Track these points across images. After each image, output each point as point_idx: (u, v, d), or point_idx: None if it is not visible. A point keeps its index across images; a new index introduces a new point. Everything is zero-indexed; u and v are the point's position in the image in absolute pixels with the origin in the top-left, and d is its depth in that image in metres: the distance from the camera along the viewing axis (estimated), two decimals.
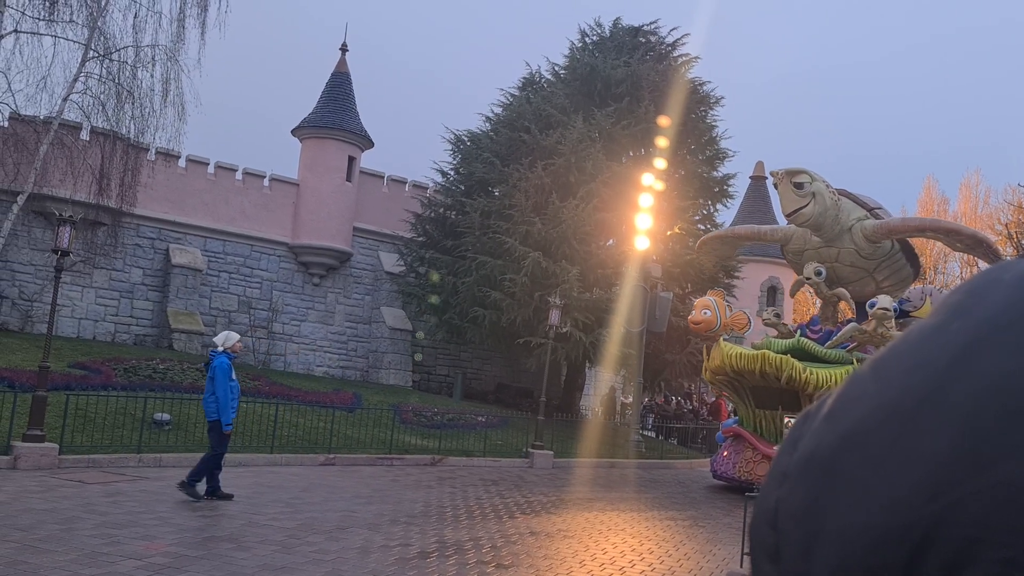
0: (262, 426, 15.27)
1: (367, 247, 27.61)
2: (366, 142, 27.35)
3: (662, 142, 22.51)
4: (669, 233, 23.59)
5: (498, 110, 26.55)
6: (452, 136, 26.60)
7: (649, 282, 20.39)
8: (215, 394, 10.35)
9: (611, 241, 24.10)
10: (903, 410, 0.39)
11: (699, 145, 26.40)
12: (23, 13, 19.64)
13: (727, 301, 17.37)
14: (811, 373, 14.45)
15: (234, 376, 10.59)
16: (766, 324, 16.89)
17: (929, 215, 36.42)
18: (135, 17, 20.94)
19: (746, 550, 8.61)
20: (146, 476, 11.77)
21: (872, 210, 16.23)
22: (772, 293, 36.56)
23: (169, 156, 23.57)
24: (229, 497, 10.37)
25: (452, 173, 26.39)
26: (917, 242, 35.50)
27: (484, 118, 26.78)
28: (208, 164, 25.36)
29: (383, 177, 28.31)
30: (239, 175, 25.87)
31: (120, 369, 17.47)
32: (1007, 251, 34.88)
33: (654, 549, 9.64)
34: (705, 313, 15.73)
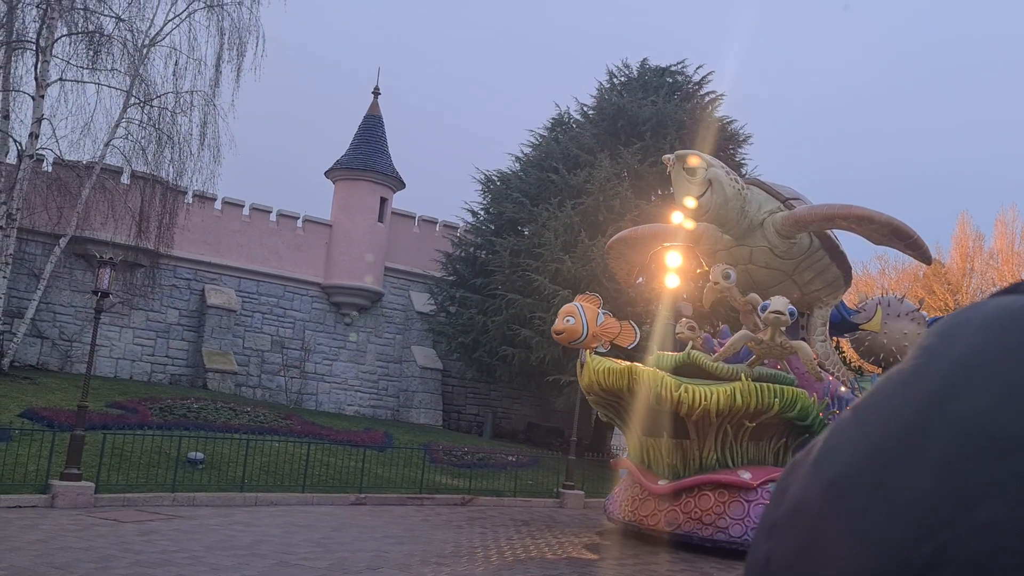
0: (294, 465, 15.35)
1: (398, 287, 27.86)
2: (398, 183, 27.75)
3: None
4: (699, 271, 23.49)
5: (527, 150, 26.85)
6: (482, 176, 26.94)
7: (680, 320, 20.28)
8: None
9: (641, 279, 24.07)
10: (884, 455, 0.40)
11: None
12: (68, 62, 20.38)
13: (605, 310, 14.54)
14: (685, 391, 12.04)
15: None
16: (679, 338, 14.85)
17: (964, 252, 35.88)
18: (175, 64, 21.66)
19: None
20: (180, 515, 11.87)
21: (787, 201, 14.01)
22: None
23: (205, 198, 24.15)
24: None
25: (482, 213, 26.66)
26: (943, 271, 34.77)
27: (514, 158, 27.10)
28: (243, 206, 25.88)
29: (414, 217, 28.67)
30: (273, 216, 26.36)
31: (156, 408, 17.71)
32: None
33: None
34: (568, 321, 12.99)
